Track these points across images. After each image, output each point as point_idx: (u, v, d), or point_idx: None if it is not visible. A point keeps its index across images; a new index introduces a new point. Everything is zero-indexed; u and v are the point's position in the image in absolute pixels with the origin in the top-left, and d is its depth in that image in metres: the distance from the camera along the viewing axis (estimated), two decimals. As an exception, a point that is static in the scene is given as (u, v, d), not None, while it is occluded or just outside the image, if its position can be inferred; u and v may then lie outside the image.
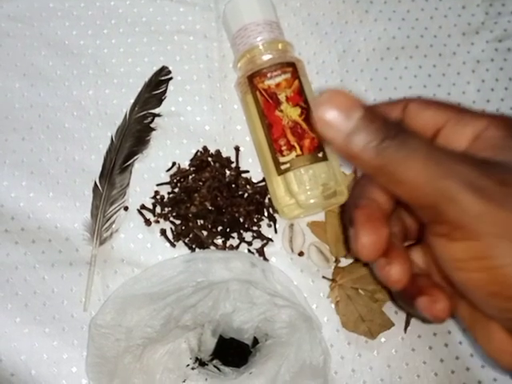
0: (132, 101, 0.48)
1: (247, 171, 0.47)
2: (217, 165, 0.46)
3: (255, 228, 0.45)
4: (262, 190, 0.45)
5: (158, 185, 0.46)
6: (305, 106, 0.42)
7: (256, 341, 0.42)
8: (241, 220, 0.45)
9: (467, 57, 0.49)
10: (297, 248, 0.44)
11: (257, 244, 0.45)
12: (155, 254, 0.45)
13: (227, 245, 0.44)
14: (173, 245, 0.45)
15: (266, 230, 0.45)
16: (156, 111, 0.48)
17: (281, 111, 0.42)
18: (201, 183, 0.45)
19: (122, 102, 0.49)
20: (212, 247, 0.44)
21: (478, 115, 0.26)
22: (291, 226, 0.44)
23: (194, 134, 0.48)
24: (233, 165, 0.47)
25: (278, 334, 0.40)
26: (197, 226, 0.44)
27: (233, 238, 0.45)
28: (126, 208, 0.46)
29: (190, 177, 0.46)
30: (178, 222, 0.45)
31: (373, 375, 0.42)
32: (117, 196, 0.45)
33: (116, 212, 0.45)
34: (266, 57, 0.44)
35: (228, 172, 0.46)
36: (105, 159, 0.47)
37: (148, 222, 0.45)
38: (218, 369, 0.42)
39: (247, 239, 0.45)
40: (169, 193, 0.46)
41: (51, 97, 0.49)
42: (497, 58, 0.49)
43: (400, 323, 0.42)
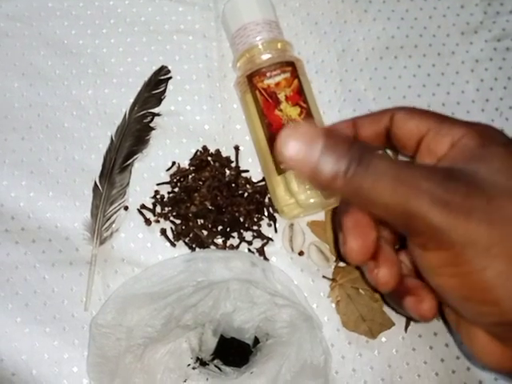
0: (131, 100, 0.48)
1: (247, 171, 0.46)
2: (216, 164, 0.46)
3: (255, 227, 0.45)
4: (262, 190, 0.45)
5: (158, 184, 0.46)
6: (304, 106, 0.42)
7: (257, 340, 0.42)
8: (241, 219, 0.45)
9: (466, 56, 0.49)
10: (297, 247, 0.44)
11: (257, 243, 0.45)
12: (155, 254, 0.45)
13: (227, 244, 0.44)
14: (173, 244, 0.45)
15: (266, 230, 0.45)
16: (155, 111, 0.48)
17: (280, 110, 0.42)
18: (201, 183, 0.45)
19: (122, 102, 0.49)
20: (212, 247, 0.44)
21: (457, 124, 0.28)
22: (291, 226, 0.44)
23: (194, 134, 0.48)
24: (232, 164, 0.47)
25: (279, 334, 0.40)
26: (197, 226, 0.44)
27: (233, 238, 0.45)
28: (126, 207, 0.46)
29: (190, 176, 0.46)
30: (178, 222, 0.45)
31: (373, 375, 0.42)
32: (117, 195, 0.45)
33: (116, 211, 0.45)
34: (266, 56, 0.44)
35: (228, 171, 0.46)
36: (104, 159, 0.47)
37: (148, 222, 0.45)
38: (219, 368, 0.42)
39: (247, 239, 0.45)
40: (169, 192, 0.46)
41: (50, 96, 0.49)
42: (496, 58, 0.49)
43: (400, 323, 0.42)
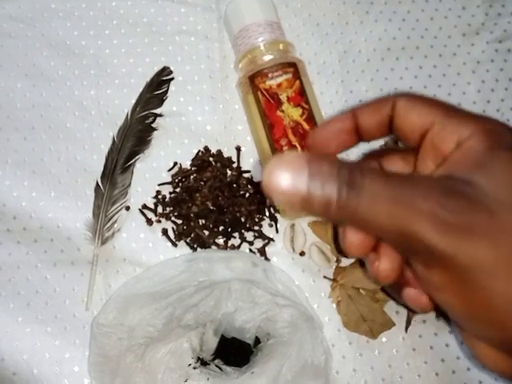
0: (133, 101, 0.48)
1: (248, 171, 0.47)
2: (218, 165, 0.46)
3: (256, 228, 0.45)
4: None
5: (160, 184, 0.46)
6: (306, 107, 0.43)
7: (258, 340, 0.42)
8: (242, 220, 0.45)
9: (467, 57, 0.50)
10: (298, 248, 0.44)
11: (258, 244, 0.45)
12: (157, 254, 0.45)
13: (229, 244, 0.45)
14: (174, 244, 0.45)
15: (268, 230, 0.45)
16: (157, 111, 0.48)
17: (282, 111, 0.42)
18: (202, 183, 0.46)
19: (124, 102, 0.49)
20: (213, 247, 0.44)
21: (465, 120, 0.25)
22: (292, 226, 0.44)
23: (196, 134, 0.48)
24: (234, 165, 0.47)
25: (280, 334, 0.40)
26: (198, 226, 0.44)
27: (234, 238, 0.45)
28: (128, 208, 0.46)
29: (192, 176, 0.46)
30: (180, 222, 0.45)
31: (374, 375, 0.42)
32: (118, 196, 0.46)
33: (118, 212, 0.45)
34: (267, 57, 0.44)
35: (229, 172, 0.46)
36: (106, 159, 0.47)
37: (150, 222, 0.45)
38: (220, 368, 0.42)
39: (249, 239, 0.45)
40: (170, 192, 0.46)
41: (53, 97, 0.50)
42: (497, 59, 0.49)
43: (401, 323, 0.42)
